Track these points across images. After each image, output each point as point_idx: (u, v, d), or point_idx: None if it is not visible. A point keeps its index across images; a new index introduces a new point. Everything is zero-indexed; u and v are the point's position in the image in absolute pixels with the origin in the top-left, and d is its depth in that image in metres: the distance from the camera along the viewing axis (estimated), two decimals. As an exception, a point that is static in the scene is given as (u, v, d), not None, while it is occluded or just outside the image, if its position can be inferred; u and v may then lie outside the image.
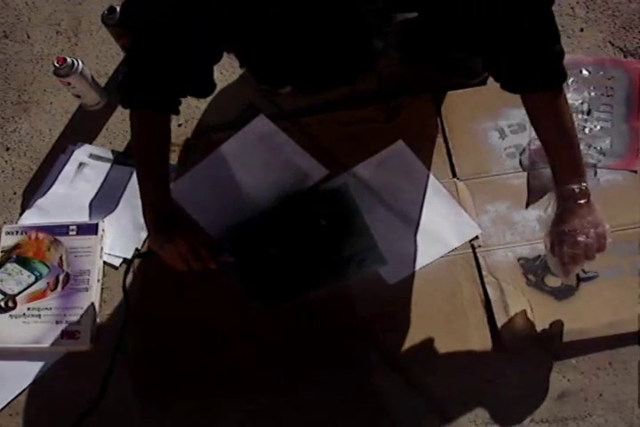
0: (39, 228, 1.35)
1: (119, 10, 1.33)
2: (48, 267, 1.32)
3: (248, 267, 1.27)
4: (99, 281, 1.31)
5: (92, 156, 1.43)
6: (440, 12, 0.95)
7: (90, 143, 1.45)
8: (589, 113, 1.35)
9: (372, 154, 1.34)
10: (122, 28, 1.37)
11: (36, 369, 1.26)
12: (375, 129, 1.36)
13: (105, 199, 1.38)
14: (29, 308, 1.29)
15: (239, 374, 1.22)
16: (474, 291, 1.23)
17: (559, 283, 1.21)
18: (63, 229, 1.34)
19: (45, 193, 1.40)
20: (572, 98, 1.34)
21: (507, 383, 1.17)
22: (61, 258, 1.32)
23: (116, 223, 1.36)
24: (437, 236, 1.27)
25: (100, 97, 1.47)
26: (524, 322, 1.18)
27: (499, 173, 1.32)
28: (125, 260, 1.33)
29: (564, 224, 1.01)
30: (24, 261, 1.33)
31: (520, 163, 1.32)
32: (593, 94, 1.37)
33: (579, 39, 1.44)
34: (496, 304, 1.20)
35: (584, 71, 1.39)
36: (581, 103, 1.35)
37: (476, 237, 1.27)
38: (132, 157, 1.37)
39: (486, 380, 1.18)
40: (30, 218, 1.39)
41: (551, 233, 1.03)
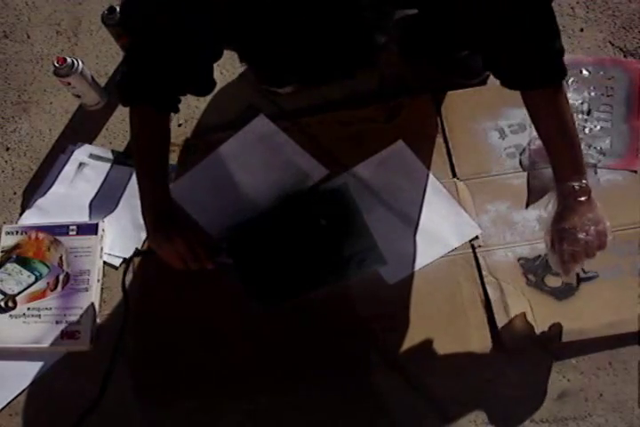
0: (39, 228, 1.35)
1: (119, 9, 1.33)
2: (48, 267, 1.32)
3: (248, 267, 1.27)
4: (99, 281, 1.31)
5: (92, 156, 1.43)
6: (440, 9, 0.95)
7: (90, 143, 1.45)
8: (589, 113, 1.35)
9: (372, 154, 1.34)
10: (122, 27, 1.38)
11: (35, 369, 1.26)
12: (375, 129, 1.36)
13: (105, 199, 1.38)
14: (29, 308, 1.29)
15: (239, 374, 1.22)
16: (474, 291, 1.23)
17: (559, 283, 1.21)
18: (63, 229, 1.34)
19: (45, 193, 1.40)
20: (572, 98, 1.34)
21: (507, 383, 1.17)
22: (61, 258, 1.32)
23: (115, 223, 1.36)
24: (437, 236, 1.27)
25: (100, 97, 1.47)
26: (523, 324, 1.18)
27: (499, 173, 1.32)
28: (125, 260, 1.33)
29: (564, 222, 1.00)
30: (24, 261, 1.33)
31: (520, 163, 1.32)
32: (593, 94, 1.37)
33: (579, 39, 1.44)
34: (496, 304, 1.20)
35: (584, 71, 1.39)
36: (581, 103, 1.35)
37: (476, 237, 1.27)
38: (131, 156, 1.37)
39: (486, 380, 1.18)
40: (30, 218, 1.39)
41: (551, 230, 1.02)
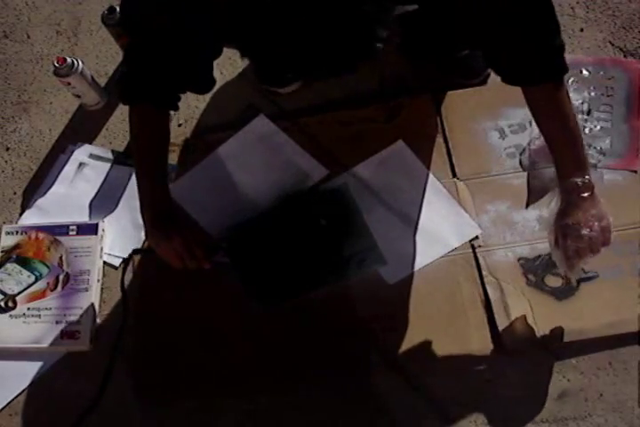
0: (39, 228, 1.35)
1: (119, 9, 1.33)
2: (48, 267, 1.32)
3: (248, 267, 1.27)
4: (99, 281, 1.31)
5: (92, 156, 1.43)
6: (440, 5, 0.95)
7: (90, 143, 1.45)
8: (589, 113, 1.35)
9: (372, 154, 1.34)
10: (121, 27, 1.37)
11: (35, 369, 1.26)
12: (375, 129, 1.36)
13: (105, 199, 1.38)
14: (29, 308, 1.29)
15: (239, 374, 1.22)
16: (474, 291, 1.23)
17: (559, 283, 1.21)
18: (63, 229, 1.34)
19: (45, 193, 1.40)
20: (572, 98, 1.33)
21: (507, 384, 1.17)
22: (61, 258, 1.32)
23: (115, 223, 1.36)
24: (437, 236, 1.27)
25: (100, 97, 1.47)
26: (524, 327, 1.18)
27: (499, 173, 1.32)
28: (124, 259, 1.32)
29: (567, 218, 1.00)
30: (24, 261, 1.33)
31: (520, 163, 1.32)
32: (593, 94, 1.37)
33: (579, 39, 1.44)
34: (496, 304, 1.20)
35: (584, 71, 1.39)
36: (581, 103, 1.35)
37: (476, 237, 1.27)
38: (131, 155, 1.37)
39: (486, 380, 1.18)
40: (30, 218, 1.39)
41: (555, 227, 1.02)
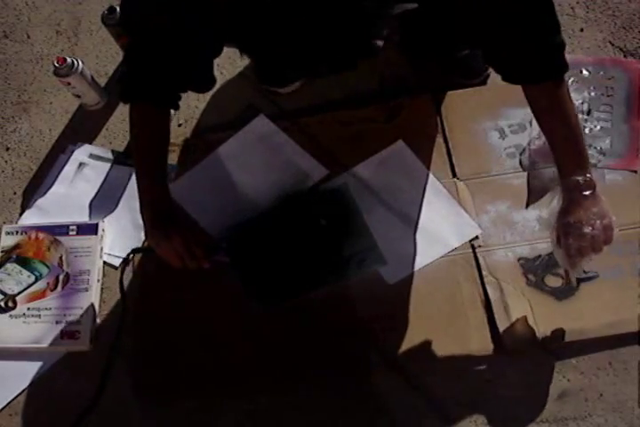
0: (39, 228, 1.35)
1: (119, 9, 1.33)
2: (48, 267, 1.32)
3: (248, 267, 1.27)
4: (99, 281, 1.31)
5: (91, 156, 1.43)
6: (440, 3, 0.95)
7: (90, 143, 1.45)
8: (589, 113, 1.35)
9: (372, 154, 1.34)
10: (121, 27, 1.37)
11: (35, 369, 1.26)
12: (375, 129, 1.36)
13: (105, 199, 1.38)
14: (29, 308, 1.29)
15: (239, 374, 1.22)
16: (474, 291, 1.23)
17: (559, 283, 1.21)
18: (63, 229, 1.34)
19: (45, 193, 1.40)
20: (572, 98, 1.33)
21: (507, 384, 1.17)
22: (61, 258, 1.32)
23: (115, 223, 1.36)
24: (437, 236, 1.27)
25: (100, 97, 1.47)
26: (525, 328, 1.18)
27: (499, 173, 1.32)
28: (124, 259, 1.32)
29: (569, 216, 1.00)
30: (24, 261, 1.33)
31: (520, 163, 1.32)
32: (593, 94, 1.37)
33: (579, 39, 1.44)
34: (496, 304, 1.20)
35: (584, 71, 1.39)
36: (581, 103, 1.35)
37: (476, 237, 1.27)
38: (131, 155, 1.37)
39: (486, 380, 1.18)
40: (30, 218, 1.39)
41: (557, 226, 1.02)
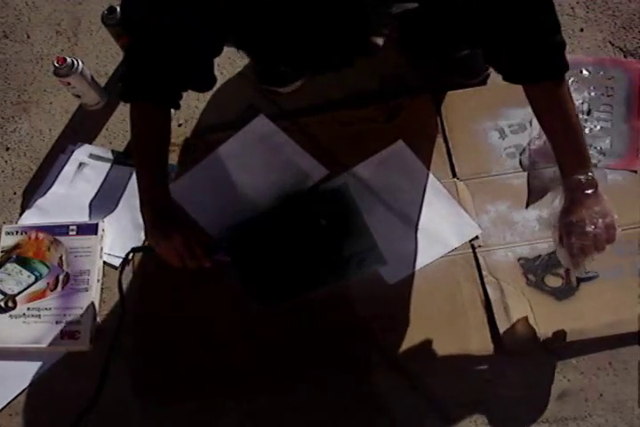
0: (39, 228, 1.35)
1: (119, 9, 1.33)
2: (48, 267, 1.32)
3: (248, 267, 1.27)
4: (98, 281, 1.31)
5: (91, 156, 1.43)
6: (440, 3, 0.95)
7: (90, 143, 1.45)
8: (589, 113, 1.35)
9: (372, 154, 1.34)
10: (122, 27, 1.37)
11: (35, 369, 1.25)
12: (375, 129, 1.36)
13: (105, 199, 1.38)
14: (29, 308, 1.29)
15: (239, 374, 1.22)
16: (474, 291, 1.23)
17: (559, 283, 1.21)
18: (63, 229, 1.34)
19: (45, 193, 1.40)
20: (573, 98, 1.34)
21: (507, 384, 1.17)
22: (61, 258, 1.32)
23: (115, 223, 1.36)
24: (437, 236, 1.27)
25: (100, 97, 1.47)
26: (525, 328, 1.17)
27: (499, 173, 1.32)
28: (123, 258, 1.32)
29: (571, 215, 0.99)
30: (24, 261, 1.33)
31: (520, 163, 1.32)
32: (593, 94, 1.37)
33: (579, 39, 1.44)
34: (496, 304, 1.20)
35: (584, 71, 1.39)
36: (581, 103, 1.35)
37: (476, 237, 1.27)
38: (131, 154, 1.37)
39: (486, 380, 1.18)
40: (30, 218, 1.39)
41: (559, 225, 1.01)
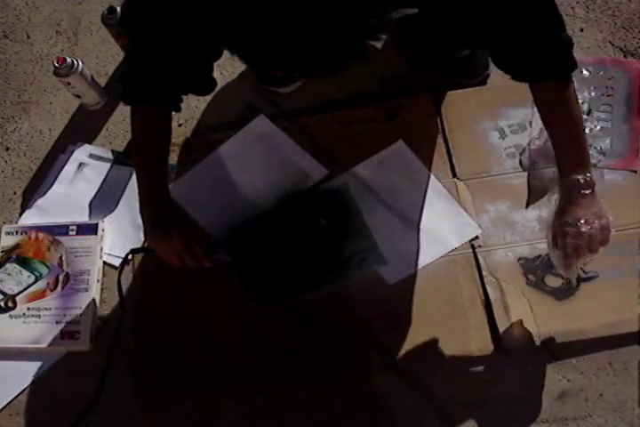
0: (39, 228, 1.35)
1: (120, 9, 1.33)
2: (48, 267, 1.32)
3: (248, 267, 1.27)
4: (98, 281, 1.31)
5: (91, 156, 1.43)
6: (440, 8, 0.95)
7: (90, 143, 1.45)
8: (589, 113, 1.35)
9: (372, 154, 1.34)
10: (122, 27, 1.38)
11: (35, 369, 1.26)
12: (375, 129, 1.36)
13: (105, 199, 1.38)
14: (29, 308, 1.29)
15: (239, 374, 1.22)
16: (474, 291, 1.23)
17: (559, 283, 1.21)
18: (63, 229, 1.34)
19: (45, 193, 1.40)
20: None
21: (507, 384, 1.17)
22: (61, 258, 1.32)
23: (115, 223, 1.36)
24: (437, 236, 1.27)
25: (100, 97, 1.47)
26: (524, 328, 1.17)
27: (499, 173, 1.32)
28: (123, 259, 1.32)
29: (567, 215, 0.99)
30: (24, 261, 1.33)
31: (520, 163, 1.32)
32: (593, 94, 1.37)
33: (579, 39, 1.44)
34: (496, 304, 1.20)
35: (584, 71, 1.38)
36: (581, 103, 1.35)
37: (476, 237, 1.27)
38: (131, 154, 1.37)
39: (486, 380, 1.18)
40: (30, 218, 1.39)
41: (554, 225, 1.01)
